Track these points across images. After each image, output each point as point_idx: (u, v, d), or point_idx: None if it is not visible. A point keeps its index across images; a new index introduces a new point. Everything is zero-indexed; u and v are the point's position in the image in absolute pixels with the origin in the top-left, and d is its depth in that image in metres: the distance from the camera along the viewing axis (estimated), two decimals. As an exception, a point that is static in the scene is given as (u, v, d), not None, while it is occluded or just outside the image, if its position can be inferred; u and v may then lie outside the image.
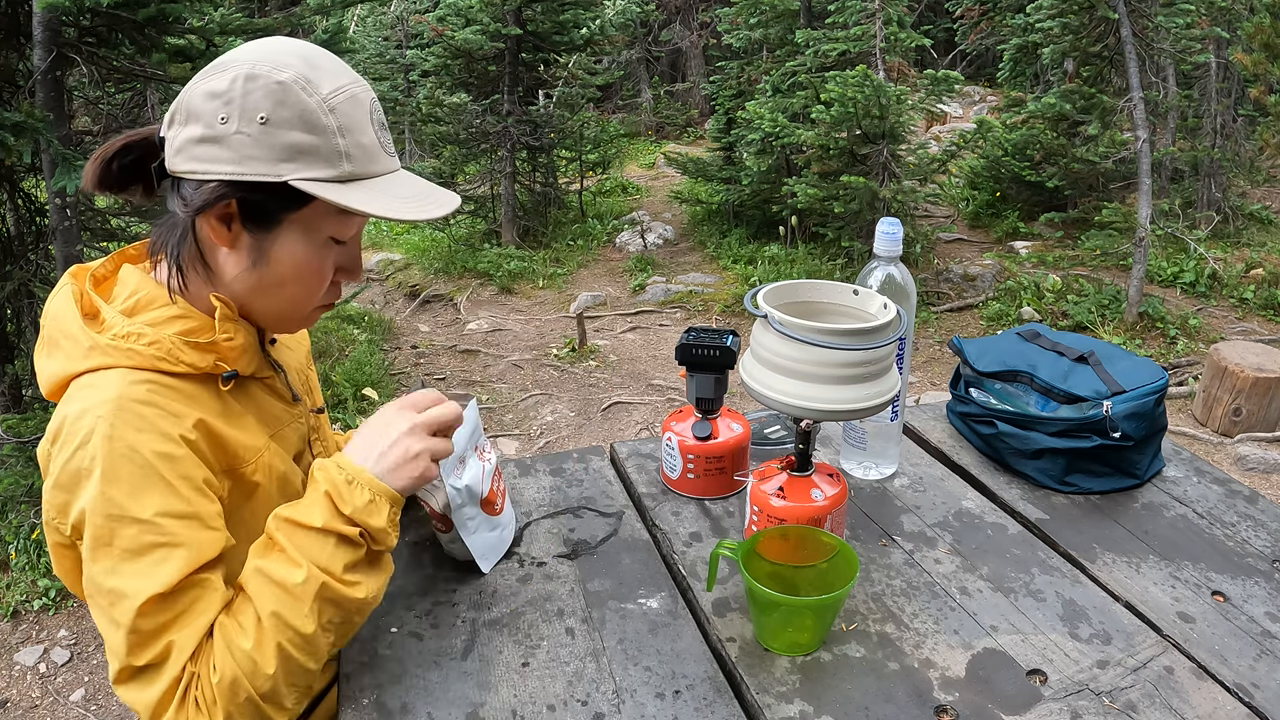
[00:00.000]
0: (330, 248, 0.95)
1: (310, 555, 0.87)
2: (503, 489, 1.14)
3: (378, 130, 0.92)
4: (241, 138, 0.86)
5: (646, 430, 4.09)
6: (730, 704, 0.90)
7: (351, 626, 0.91)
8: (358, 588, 0.89)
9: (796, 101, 5.74)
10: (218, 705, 0.83)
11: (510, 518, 1.16)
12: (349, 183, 0.89)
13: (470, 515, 1.06)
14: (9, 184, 2.98)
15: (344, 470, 0.90)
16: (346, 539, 0.88)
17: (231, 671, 0.84)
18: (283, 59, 0.87)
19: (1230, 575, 1.09)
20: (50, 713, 2.48)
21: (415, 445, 0.92)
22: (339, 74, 0.90)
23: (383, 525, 0.90)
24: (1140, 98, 4.89)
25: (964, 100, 10.06)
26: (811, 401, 0.98)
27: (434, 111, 7.02)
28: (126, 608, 0.83)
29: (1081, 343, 1.37)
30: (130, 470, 0.84)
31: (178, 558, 0.85)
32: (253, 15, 5.10)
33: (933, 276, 5.62)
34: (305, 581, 0.86)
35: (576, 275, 6.30)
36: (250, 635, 0.85)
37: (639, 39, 11.24)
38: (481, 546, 1.08)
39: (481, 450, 1.10)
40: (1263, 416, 3.85)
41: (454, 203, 0.96)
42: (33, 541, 2.92)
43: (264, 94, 0.85)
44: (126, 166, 0.94)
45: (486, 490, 1.08)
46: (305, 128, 0.86)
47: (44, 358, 0.92)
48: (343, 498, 0.89)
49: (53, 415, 0.89)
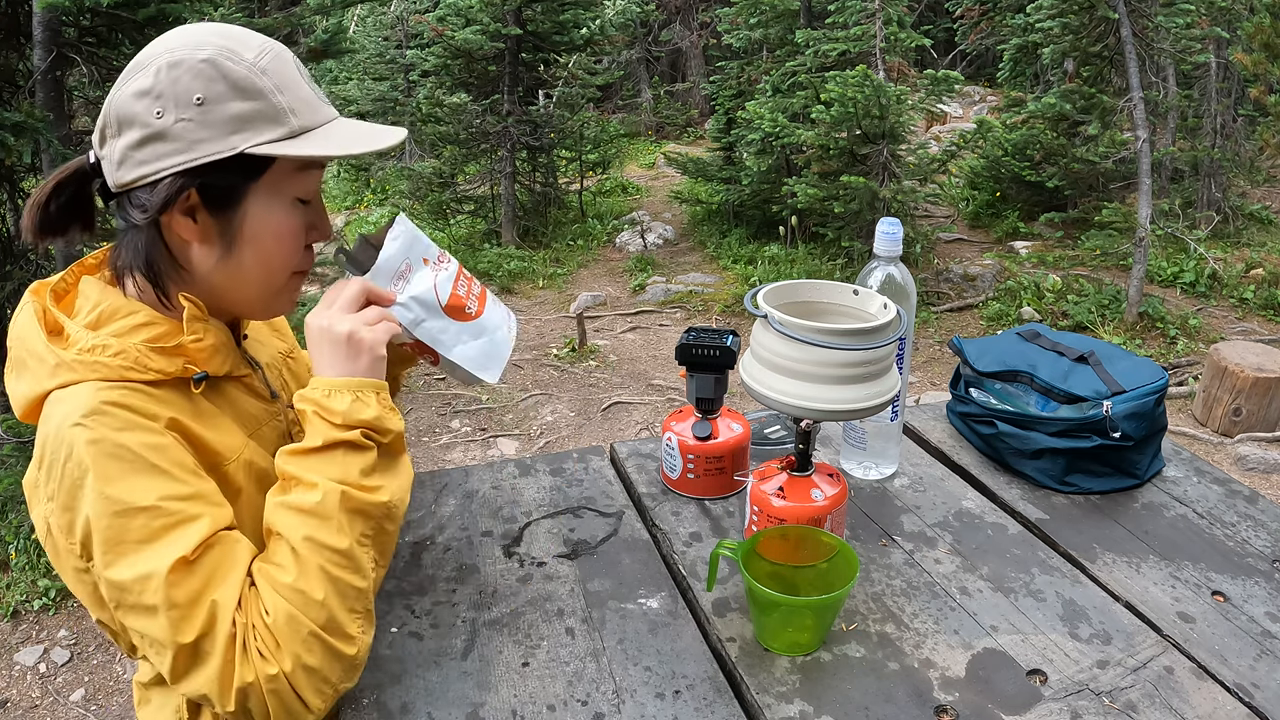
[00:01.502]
0: (298, 209, 0.94)
1: (323, 473, 0.86)
2: (478, 292, 1.04)
3: (308, 82, 0.92)
4: (183, 125, 0.85)
5: (646, 430, 4.09)
6: (730, 704, 0.90)
7: (387, 538, 0.90)
8: (379, 491, 0.88)
9: (796, 101, 5.74)
10: (281, 648, 0.81)
11: (500, 320, 1.05)
12: (299, 136, 0.89)
13: (439, 329, 0.98)
14: (9, 184, 2.98)
15: (318, 387, 0.89)
16: (351, 444, 0.87)
17: (284, 609, 0.82)
18: (199, 39, 0.87)
19: (1230, 575, 1.09)
20: (50, 713, 2.48)
21: (344, 327, 0.89)
22: (256, 38, 0.90)
23: (377, 414, 0.88)
24: (1140, 98, 4.89)
25: (964, 100, 10.06)
26: (811, 401, 0.98)
27: (434, 111, 7.02)
28: (155, 584, 0.80)
29: (1081, 343, 1.37)
30: (122, 466, 0.82)
31: (195, 528, 0.83)
32: (253, 15, 5.10)
33: (933, 276, 5.63)
34: (325, 497, 0.84)
35: (576, 275, 6.30)
36: (290, 568, 0.83)
37: (639, 39, 11.24)
38: (473, 356, 1.00)
39: (433, 261, 1.00)
40: (1263, 416, 3.85)
41: (402, 133, 0.95)
42: (33, 541, 2.92)
43: (192, 76, 0.85)
44: (64, 206, 0.92)
45: (446, 296, 0.98)
46: (243, 95, 0.86)
47: (13, 380, 0.91)
48: (329, 409, 0.87)
49: (36, 440, 0.87)
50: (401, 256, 0.97)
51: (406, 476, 0.93)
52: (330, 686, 0.84)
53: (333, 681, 0.84)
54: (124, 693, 2.55)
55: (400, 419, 0.92)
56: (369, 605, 0.88)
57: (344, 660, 0.84)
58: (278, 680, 0.81)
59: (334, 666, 0.84)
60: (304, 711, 0.83)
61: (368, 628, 0.87)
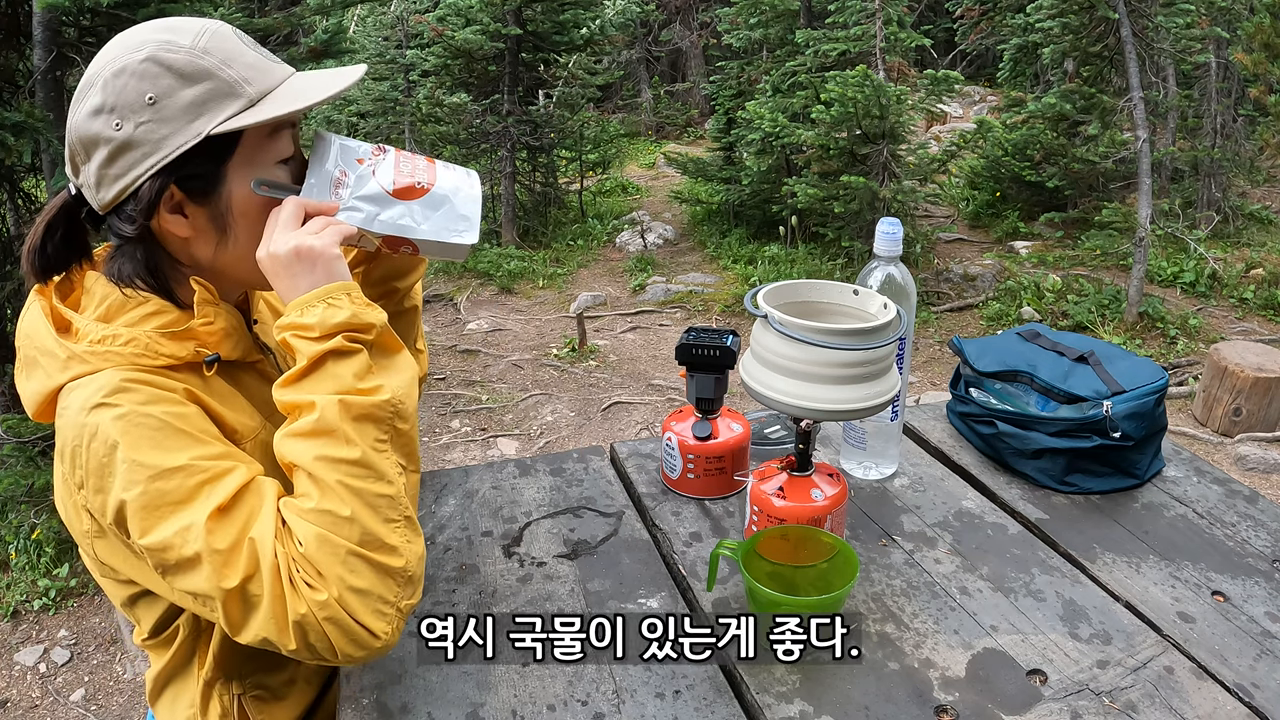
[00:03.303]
0: (282, 170, 0.94)
1: (317, 389, 0.84)
2: (424, 166, 0.99)
3: (254, 49, 0.91)
4: (144, 128, 0.85)
5: (646, 430, 4.09)
6: (730, 704, 0.90)
7: (404, 438, 0.88)
8: (379, 391, 0.86)
9: (796, 101, 5.74)
10: (324, 575, 0.79)
11: (458, 181, 1.00)
12: (259, 103, 0.88)
13: (399, 214, 0.95)
14: (9, 184, 2.98)
15: (289, 311, 0.88)
16: (337, 352, 0.85)
17: (314, 533, 0.80)
18: (134, 41, 0.87)
19: (1230, 575, 1.09)
20: (50, 713, 2.48)
21: (287, 245, 0.87)
22: (192, 22, 0.89)
23: (351, 311, 0.86)
24: (1140, 98, 4.89)
25: (964, 100, 10.06)
26: (811, 401, 0.98)
27: (434, 111, 7.01)
28: (195, 534, 0.79)
29: (1081, 343, 1.37)
30: (150, 433, 0.82)
31: (229, 480, 0.83)
32: (253, 15, 5.10)
33: (933, 276, 5.63)
34: (323, 411, 0.83)
35: (576, 275, 6.29)
36: (312, 493, 0.82)
37: (639, 39, 11.24)
38: (443, 225, 0.97)
39: (367, 158, 0.97)
40: (1263, 416, 3.85)
41: (360, 70, 0.94)
42: (33, 541, 2.92)
43: (138, 78, 0.85)
44: (59, 245, 0.93)
45: (390, 182, 0.95)
46: (191, 80, 0.86)
47: (23, 379, 0.91)
48: (305, 325, 0.86)
49: (56, 437, 0.86)
50: (333, 166, 0.95)
51: (408, 371, 0.91)
52: (389, 605, 0.82)
53: (390, 600, 0.82)
54: (124, 693, 2.56)
55: (379, 312, 0.90)
56: (407, 512, 0.85)
57: (394, 574, 0.82)
58: (329, 606, 0.79)
59: (386, 583, 0.81)
60: (369, 637, 0.81)
61: (412, 535, 0.85)
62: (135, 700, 2.53)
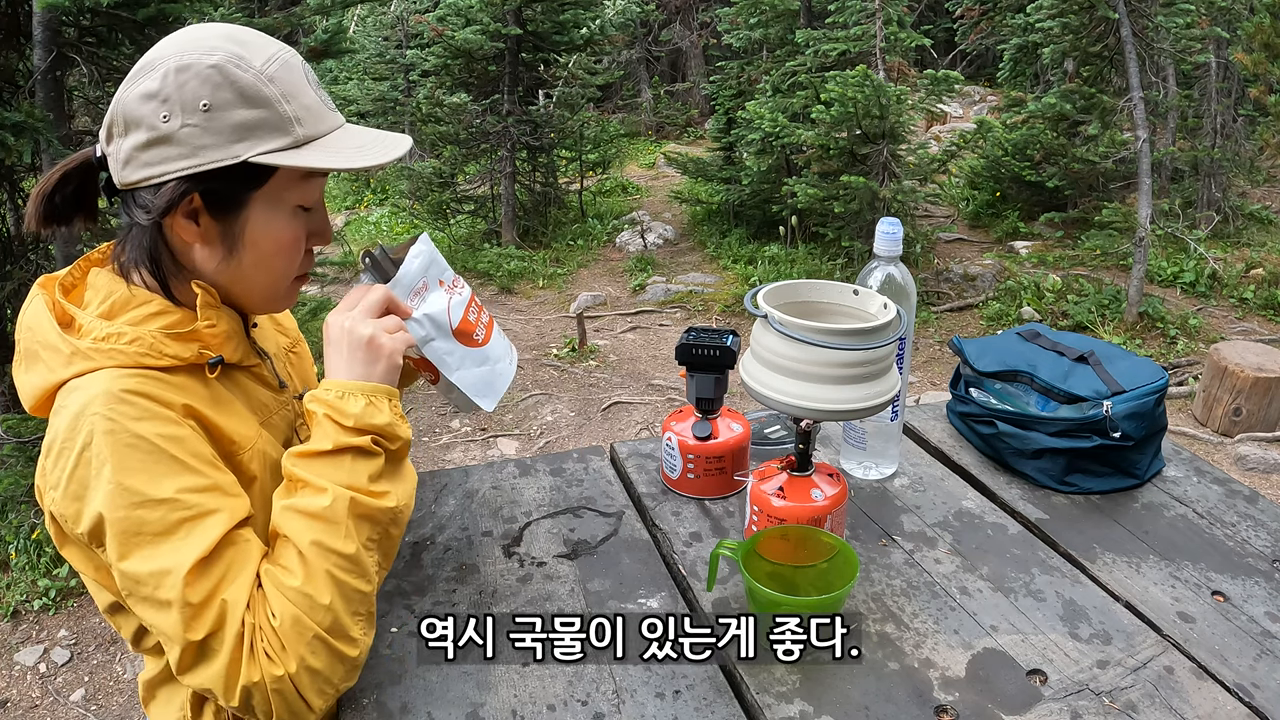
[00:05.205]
0: (299, 216, 0.95)
1: (332, 478, 0.86)
2: (486, 321, 1.07)
3: (316, 89, 0.92)
4: (189, 130, 0.85)
5: (646, 430, 4.09)
6: (730, 704, 0.90)
7: (392, 542, 0.91)
8: (386, 497, 0.88)
9: (796, 101, 5.74)
10: (286, 650, 0.82)
11: (503, 351, 1.09)
12: (304, 146, 0.89)
13: (446, 350, 1.01)
14: (9, 184, 2.98)
15: (331, 389, 0.89)
16: (361, 450, 0.88)
17: (290, 611, 0.82)
18: (208, 43, 0.87)
19: (1230, 575, 1.09)
20: (50, 713, 2.48)
21: (366, 331, 0.91)
22: (267, 44, 0.90)
23: (388, 420, 0.89)
24: (1140, 98, 4.89)
25: (964, 100, 10.06)
26: (811, 401, 0.98)
27: (434, 111, 7.01)
28: (172, 582, 0.81)
29: (1081, 343, 1.37)
30: (140, 457, 0.83)
31: (211, 523, 0.84)
32: (253, 15, 5.10)
33: (933, 276, 5.63)
34: (334, 502, 0.85)
35: (576, 275, 6.29)
36: (297, 572, 0.84)
37: (639, 39, 11.24)
38: (472, 383, 1.03)
39: (448, 284, 1.04)
40: (1263, 416, 3.85)
41: (407, 143, 0.95)
42: (33, 541, 2.92)
43: (200, 81, 0.85)
44: (69, 197, 0.93)
45: (457, 320, 1.02)
46: (249, 103, 0.86)
47: (23, 372, 0.91)
48: (342, 412, 0.88)
49: (46, 430, 0.87)
50: (420, 274, 0.99)
51: (411, 481, 0.94)
52: (332, 687, 0.85)
53: (334, 682, 0.85)
54: (124, 693, 2.56)
55: (409, 427, 0.93)
56: (371, 608, 0.88)
57: (346, 662, 0.85)
58: (282, 681, 0.82)
59: (337, 668, 0.85)
60: (306, 711, 0.84)
61: (369, 629, 0.88)
62: (135, 700, 2.53)
